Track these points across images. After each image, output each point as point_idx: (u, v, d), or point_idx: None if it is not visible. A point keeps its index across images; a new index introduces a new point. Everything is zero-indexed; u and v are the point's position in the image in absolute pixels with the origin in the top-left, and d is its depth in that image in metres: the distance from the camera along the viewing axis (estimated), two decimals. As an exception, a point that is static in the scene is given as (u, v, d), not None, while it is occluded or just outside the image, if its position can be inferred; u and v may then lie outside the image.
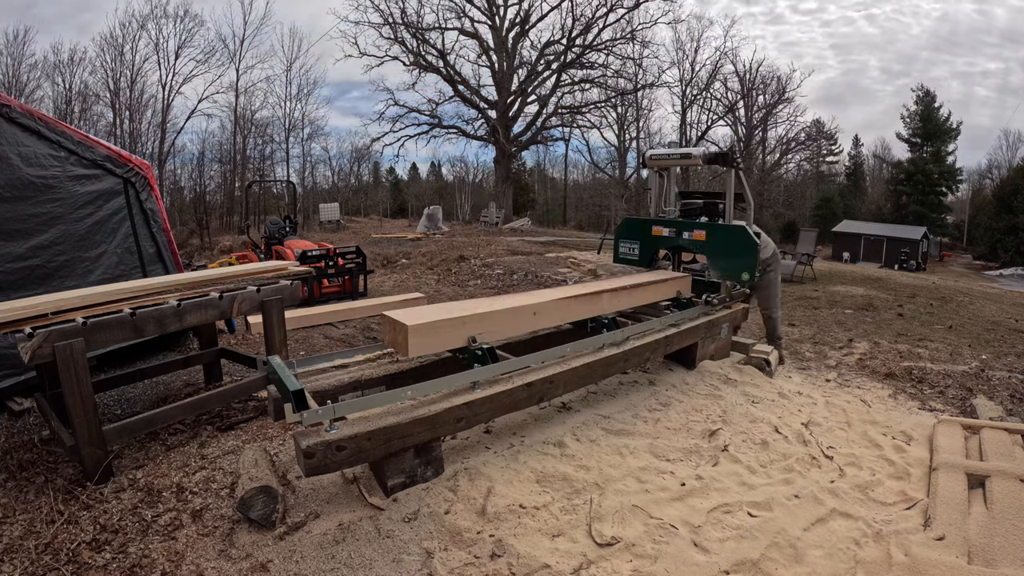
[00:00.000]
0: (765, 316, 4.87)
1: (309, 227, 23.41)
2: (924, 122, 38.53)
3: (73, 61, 25.84)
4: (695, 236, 4.32)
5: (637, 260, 4.72)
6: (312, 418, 2.15)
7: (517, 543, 2.11)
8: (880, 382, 4.46)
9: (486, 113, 28.40)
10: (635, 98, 32.67)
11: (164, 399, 3.81)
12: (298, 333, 5.72)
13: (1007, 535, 2.16)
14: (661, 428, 3.17)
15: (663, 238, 4.54)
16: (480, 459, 2.70)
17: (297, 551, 2.11)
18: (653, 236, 4.59)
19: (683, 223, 4.46)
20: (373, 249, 13.25)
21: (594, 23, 26.21)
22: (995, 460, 2.76)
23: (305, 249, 7.34)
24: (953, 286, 12.19)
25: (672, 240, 4.49)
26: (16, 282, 3.72)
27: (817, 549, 2.17)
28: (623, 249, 4.82)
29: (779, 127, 34.39)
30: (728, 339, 4.47)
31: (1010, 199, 31.35)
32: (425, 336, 2.59)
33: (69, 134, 4.20)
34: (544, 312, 3.15)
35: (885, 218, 36.38)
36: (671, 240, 4.50)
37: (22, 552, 2.16)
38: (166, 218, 5.04)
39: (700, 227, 4.32)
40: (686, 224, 4.42)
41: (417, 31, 26.22)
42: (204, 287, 3.39)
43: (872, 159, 46.13)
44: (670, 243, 4.54)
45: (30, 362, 2.47)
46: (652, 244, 4.63)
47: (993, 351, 5.56)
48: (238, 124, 29.88)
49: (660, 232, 4.55)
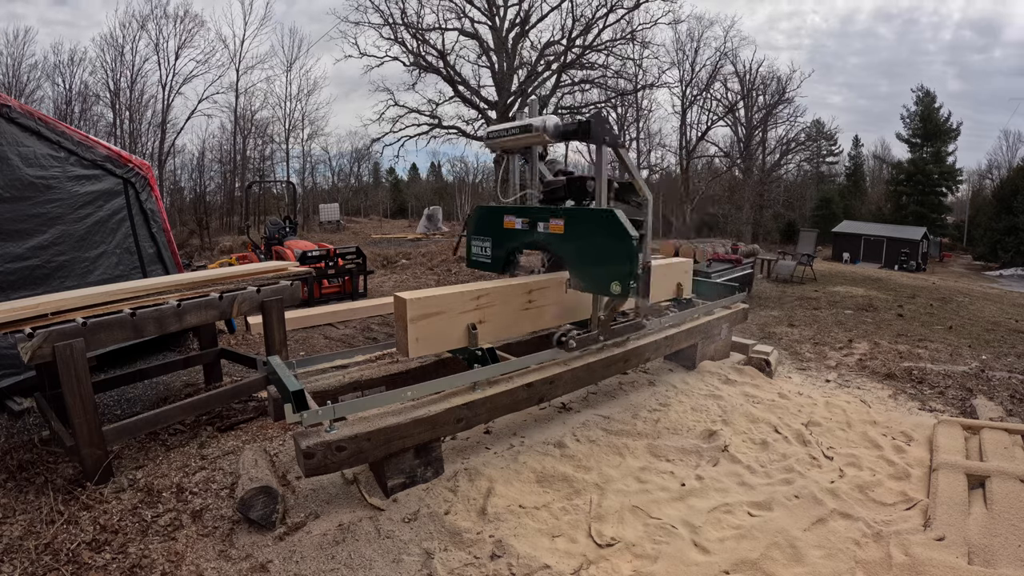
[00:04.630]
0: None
1: (309, 227, 23.43)
2: (924, 122, 38.52)
3: (73, 61, 25.84)
4: (552, 228, 3.06)
5: (490, 263, 3.47)
6: (312, 418, 2.15)
7: (517, 543, 2.11)
8: (880, 383, 4.46)
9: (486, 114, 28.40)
10: (635, 99, 32.69)
11: (164, 399, 3.81)
12: (298, 333, 5.72)
13: (1007, 535, 2.16)
14: (661, 428, 3.17)
15: (516, 232, 3.26)
16: (480, 459, 2.71)
17: (297, 551, 2.11)
18: (505, 230, 3.33)
19: (540, 211, 3.18)
20: (373, 249, 13.26)
21: (594, 23, 26.20)
22: (995, 460, 2.75)
23: (305, 249, 7.35)
24: (953, 286, 12.19)
25: (527, 235, 3.20)
26: (16, 282, 3.72)
27: (817, 549, 2.17)
28: (475, 249, 3.56)
29: (779, 127, 34.43)
30: (728, 339, 4.47)
31: (1010, 199, 31.34)
32: (423, 308, 2.58)
33: (69, 134, 4.20)
34: (540, 292, 3.12)
35: (885, 218, 36.37)
36: (525, 235, 3.22)
37: (22, 552, 2.16)
38: (166, 218, 5.04)
39: (559, 214, 3.04)
40: (542, 212, 3.15)
41: (417, 31, 26.21)
42: (204, 287, 3.39)
43: (872, 159, 46.18)
44: (524, 239, 3.24)
45: (30, 362, 2.47)
46: (506, 241, 3.37)
47: (993, 351, 5.56)
48: (238, 124, 29.89)
49: (512, 224, 3.28)
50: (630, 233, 2.71)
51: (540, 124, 2.95)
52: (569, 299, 3.25)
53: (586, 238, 2.91)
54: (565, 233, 3.00)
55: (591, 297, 3.21)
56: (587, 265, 2.93)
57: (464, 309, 2.74)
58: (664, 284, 4.04)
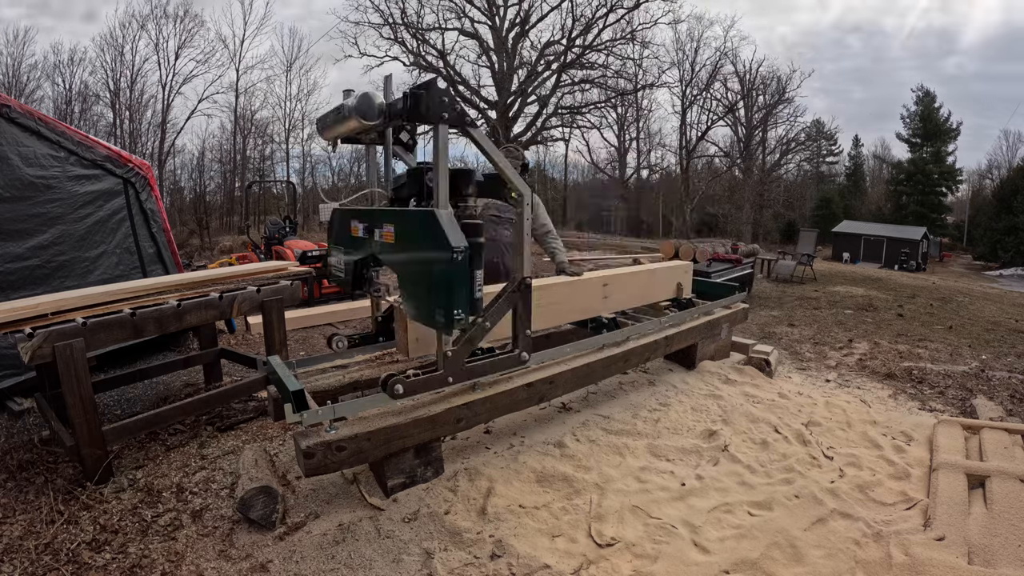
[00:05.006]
0: None
1: (309, 227, 23.40)
2: (924, 122, 38.54)
3: (73, 61, 25.84)
4: (385, 236, 2.32)
5: (342, 278, 2.75)
6: (312, 418, 2.15)
7: (517, 543, 2.11)
8: (880, 382, 4.46)
9: (486, 113, 28.42)
10: (635, 98, 32.72)
11: (164, 399, 3.81)
12: (298, 333, 5.72)
13: (1007, 535, 2.16)
14: (661, 428, 3.17)
15: (360, 241, 2.54)
16: (480, 459, 2.70)
17: (297, 551, 2.11)
18: (353, 238, 2.61)
19: (374, 213, 2.47)
20: (373, 249, 13.23)
21: (594, 23, 26.22)
22: (995, 460, 2.75)
23: (305, 249, 7.35)
24: (953, 286, 12.20)
25: (366, 244, 2.50)
26: (16, 282, 3.72)
27: (817, 549, 2.17)
28: (333, 260, 2.84)
29: (779, 127, 34.45)
30: (728, 339, 4.47)
31: (1010, 199, 31.35)
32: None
33: (69, 134, 4.20)
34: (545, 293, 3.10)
35: (885, 218, 36.39)
36: (366, 245, 2.49)
37: (22, 552, 2.16)
38: (166, 218, 5.04)
39: (391, 218, 2.32)
40: (378, 214, 2.43)
41: (417, 31, 26.23)
42: (204, 287, 3.39)
43: (872, 159, 46.20)
44: (366, 250, 2.51)
45: (30, 362, 2.47)
46: (353, 251, 2.65)
47: (993, 351, 5.56)
48: (238, 124, 29.89)
49: (357, 231, 2.57)
50: (451, 242, 1.95)
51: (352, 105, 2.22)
52: (578, 300, 3.25)
53: (411, 249, 2.21)
54: (395, 243, 2.27)
55: (592, 298, 3.15)
56: (412, 284, 2.25)
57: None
58: (664, 284, 4.06)
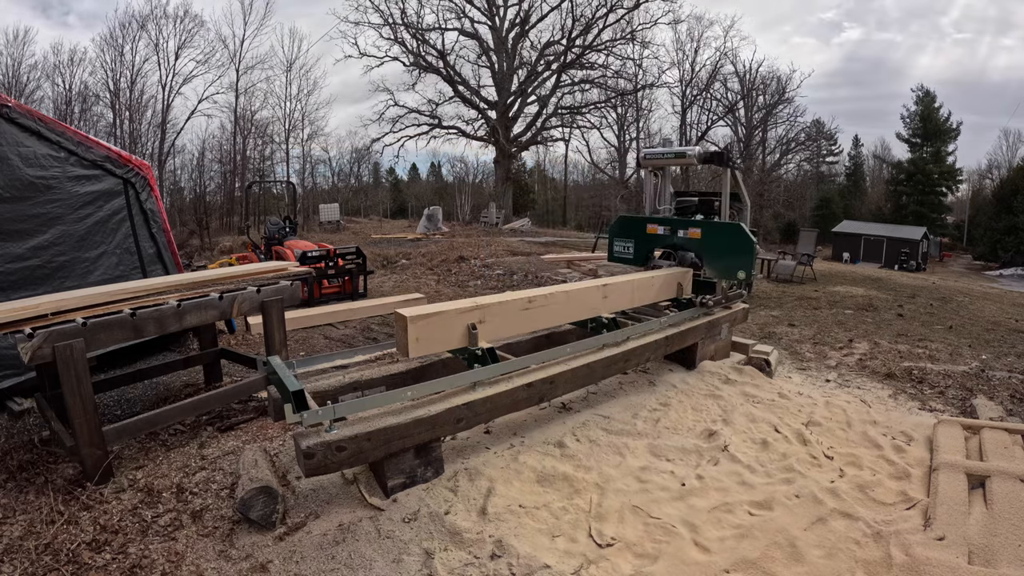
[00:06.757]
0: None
1: (309, 227, 23.41)
2: (924, 122, 38.53)
3: (73, 61, 25.87)
4: (690, 234, 4.35)
5: (632, 259, 4.71)
6: (312, 418, 2.15)
7: (517, 543, 2.11)
8: (880, 382, 4.46)
9: (486, 113, 28.42)
10: (635, 98, 32.69)
11: (164, 399, 3.81)
12: (298, 334, 5.72)
13: (1007, 535, 2.16)
14: (661, 428, 3.17)
15: (658, 236, 4.56)
16: (480, 459, 2.70)
17: (297, 551, 2.11)
18: (648, 234, 4.62)
19: (679, 221, 4.50)
20: (373, 250, 13.25)
21: (594, 23, 26.23)
22: (995, 460, 2.75)
23: (305, 250, 7.34)
24: (953, 286, 12.20)
25: (667, 238, 4.52)
26: (16, 282, 3.72)
27: (817, 549, 2.17)
28: (618, 247, 4.82)
29: (779, 127, 34.43)
30: (728, 339, 4.47)
31: (1010, 199, 31.36)
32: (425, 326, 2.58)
33: (69, 134, 4.20)
34: (543, 303, 3.14)
35: (885, 218, 36.38)
36: (666, 238, 4.52)
37: (22, 552, 2.16)
38: (166, 218, 5.03)
39: (696, 225, 4.35)
40: (682, 222, 4.46)
41: (417, 31, 26.24)
42: (204, 287, 3.39)
43: (872, 159, 46.19)
44: (665, 241, 4.54)
45: (30, 362, 2.47)
46: (647, 243, 4.64)
47: (993, 351, 5.56)
48: (238, 124, 29.89)
49: (655, 230, 4.57)
50: (752, 241, 4.08)
51: (694, 152, 4.46)
52: (573, 305, 3.32)
53: (720, 242, 4.22)
54: (702, 238, 4.29)
55: (588, 303, 3.30)
56: (721, 260, 4.25)
57: (463, 308, 2.74)
58: (664, 284, 4.06)
